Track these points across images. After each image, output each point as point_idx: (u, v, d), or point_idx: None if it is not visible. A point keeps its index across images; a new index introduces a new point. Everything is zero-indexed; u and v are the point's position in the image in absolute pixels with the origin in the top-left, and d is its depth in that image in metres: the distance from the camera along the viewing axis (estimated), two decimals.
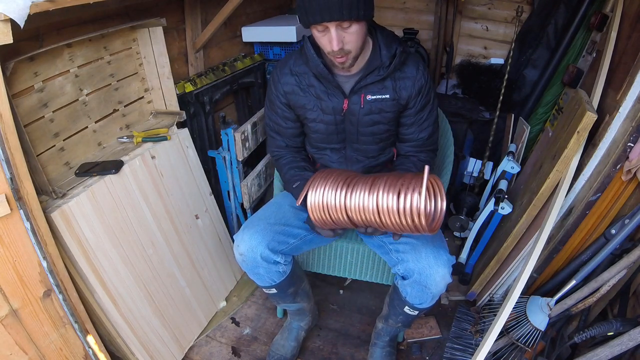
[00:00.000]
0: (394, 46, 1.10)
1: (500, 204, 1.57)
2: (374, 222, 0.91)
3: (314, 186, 0.95)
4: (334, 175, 0.96)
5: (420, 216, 0.83)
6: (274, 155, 1.30)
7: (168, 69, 1.51)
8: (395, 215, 0.86)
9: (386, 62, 1.09)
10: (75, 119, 1.29)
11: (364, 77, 1.11)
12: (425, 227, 0.85)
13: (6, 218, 0.91)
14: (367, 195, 0.89)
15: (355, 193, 0.91)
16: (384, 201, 0.87)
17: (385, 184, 0.88)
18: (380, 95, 1.13)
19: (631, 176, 1.17)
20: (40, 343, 1.04)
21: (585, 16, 1.83)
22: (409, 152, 1.24)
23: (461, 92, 2.31)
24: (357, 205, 0.90)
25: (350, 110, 1.15)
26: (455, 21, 2.33)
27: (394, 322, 1.32)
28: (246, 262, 1.16)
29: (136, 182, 1.33)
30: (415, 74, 1.13)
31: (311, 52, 1.10)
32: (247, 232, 1.15)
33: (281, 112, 1.22)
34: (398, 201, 0.85)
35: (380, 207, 0.88)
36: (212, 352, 1.52)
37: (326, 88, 1.14)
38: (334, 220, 0.95)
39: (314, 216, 0.96)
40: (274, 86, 1.20)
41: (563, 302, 1.26)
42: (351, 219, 0.94)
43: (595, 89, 1.36)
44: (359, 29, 0.99)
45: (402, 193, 0.85)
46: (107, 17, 1.34)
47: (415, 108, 1.17)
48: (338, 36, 0.98)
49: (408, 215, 0.85)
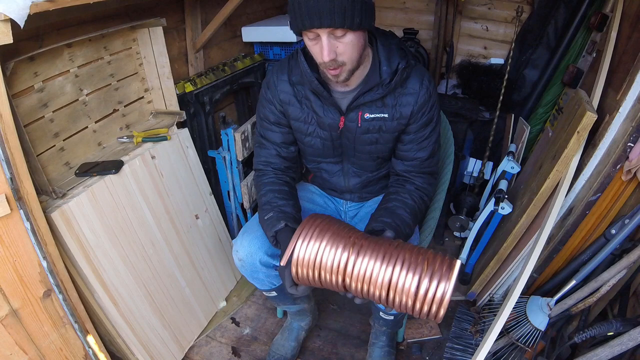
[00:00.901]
0: (396, 61, 0.99)
1: (500, 204, 1.57)
2: (376, 296, 0.78)
3: (305, 236, 0.81)
4: (331, 230, 0.82)
5: (440, 308, 0.74)
6: (258, 170, 1.16)
7: (168, 69, 1.51)
8: (410, 298, 0.75)
9: (386, 80, 0.98)
10: (75, 119, 1.29)
11: (362, 94, 1.00)
12: (439, 318, 0.76)
13: (6, 218, 0.91)
14: (380, 266, 0.76)
15: (363, 259, 0.78)
16: (401, 280, 0.75)
17: (405, 261, 0.76)
18: (380, 114, 1.03)
19: (631, 176, 1.17)
20: (40, 343, 1.04)
21: (585, 16, 1.83)
22: (404, 173, 1.12)
23: (461, 92, 2.31)
24: (363, 275, 0.77)
25: (347, 127, 1.06)
26: (455, 21, 2.33)
27: (379, 325, 1.34)
28: (245, 267, 1.14)
29: (136, 182, 1.33)
30: (418, 90, 1.02)
31: (304, 66, 0.99)
32: (246, 237, 1.13)
33: (275, 118, 1.11)
34: (418, 285, 0.74)
35: (392, 284, 0.76)
36: (212, 352, 1.52)
37: (322, 103, 1.05)
38: (321, 282, 0.82)
39: (297, 271, 0.82)
40: (270, 91, 1.09)
41: (563, 302, 1.26)
42: (346, 286, 0.81)
43: (595, 89, 1.36)
44: (354, 39, 0.88)
45: (425, 277, 0.74)
46: (107, 17, 1.34)
47: (416, 124, 1.05)
48: (330, 45, 0.87)
49: (427, 303, 0.74)
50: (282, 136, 1.14)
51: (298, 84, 1.06)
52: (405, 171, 1.12)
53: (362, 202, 1.30)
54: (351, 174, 1.20)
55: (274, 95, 1.09)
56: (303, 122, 1.09)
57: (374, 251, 0.78)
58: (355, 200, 1.30)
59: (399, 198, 1.07)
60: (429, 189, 1.14)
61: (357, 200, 1.29)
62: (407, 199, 1.07)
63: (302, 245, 0.80)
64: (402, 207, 1.05)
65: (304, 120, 1.09)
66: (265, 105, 1.12)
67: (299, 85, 1.06)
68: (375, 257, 0.77)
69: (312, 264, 0.80)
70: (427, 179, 1.13)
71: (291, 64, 1.06)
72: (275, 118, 1.12)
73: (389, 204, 1.07)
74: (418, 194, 1.10)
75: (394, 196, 1.08)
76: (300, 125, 1.10)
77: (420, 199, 1.10)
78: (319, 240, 0.80)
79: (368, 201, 1.30)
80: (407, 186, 1.11)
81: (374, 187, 1.25)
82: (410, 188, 1.10)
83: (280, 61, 1.11)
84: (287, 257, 0.83)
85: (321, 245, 0.80)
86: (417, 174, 1.11)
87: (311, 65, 1.00)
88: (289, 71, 1.06)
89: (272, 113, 1.11)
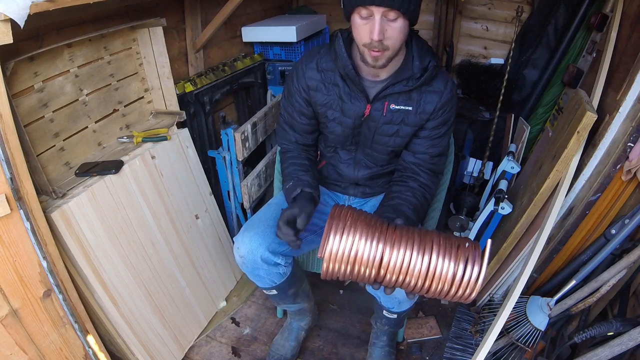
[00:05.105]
0: (428, 59, 1.05)
1: (500, 204, 1.57)
2: (411, 284, 0.77)
3: (337, 230, 0.77)
4: (361, 221, 0.79)
5: (474, 291, 0.75)
6: (282, 148, 1.27)
7: (168, 69, 1.51)
8: (447, 284, 0.75)
9: (417, 74, 1.04)
10: (75, 119, 1.29)
11: (392, 85, 1.05)
12: (470, 300, 0.77)
13: (6, 218, 0.91)
14: (416, 255, 0.76)
15: (399, 251, 0.76)
16: (440, 266, 0.75)
17: (440, 247, 0.76)
18: (405, 106, 1.08)
19: (631, 176, 1.17)
20: (40, 343, 1.04)
21: (585, 16, 1.83)
22: (412, 165, 1.15)
23: (461, 92, 2.31)
24: (399, 265, 0.76)
25: (371, 116, 1.10)
26: (455, 21, 2.33)
27: (380, 324, 1.34)
28: (246, 264, 1.15)
29: (136, 182, 1.33)
30: (442, 89, 1.08)
31: (342, 49, 1.04)
32: (247, 234, 1.14)
33: (299, 106, 1.17)
34: (455, 270, 0.75)
35: (430, 272, 0.75)
36: (212, 352, 1.52)
37: (350, 90, 1.09)
38: (353, 275, 0.79)
39: (329, 266, 0.79)
40: (297, 79, 1.14)
41: (563, 302, 1.26)
42: (379, 277, 0.79)
43: (595, 89, 1.36)
44: (403, 25, 0.93)
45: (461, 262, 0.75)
46: (107, 17, 1.34)
47: (434, 121, 1.11)
48: (381, 26, 0.91)
49: (462, 287, 0.75)
50: (303, 126, 1.21)
51: (327, 70, 1.10)
52: (414, 164, 1.15)
53: (365, 198, 1.32)
54: (362, 165, 1.23)
55: (300, 83, 1.14)
56: (328, 108, 1.14)
57: (407, 241, 0.77)
58: (359, 196, 1.32)
59: (402, 196, 1.10)
60: (432, 188, 1.16)
61: (361, 195, 1.31)
62: (410, 197, 1.10)
63: (334, 239, 0.76)
64: (405, 204, 1.08)
65: (328, 105, 1.13)
66: (290, 95, 1.18)
67: (329, 72, 1.10)
68: (411, 248, 0.76)
69: (346, 258, 0.77)
70: (432, 177, 1.16)
71: (322, 52, 1.12)
72: (300, 107, 1.18)
73: (393, 201, 1.09)
74: (420, 192, 1.12)
75: (397, 194, 1.11)
76: (325, 111, 1.15)
77: (423, 197, 1.12)
78: (352, 234, 0.77)
79: (371, 199, 1.32)
80: (411, 183, 1.13)
81: (379, 181, 1.27)
82: (413, 185, 1.13)
83: (309, 51, 1.17)
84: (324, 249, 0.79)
85: (354, 238, 0.76)
86: (425, 169, 1.15)
87: (347, 51, 1.05)
88: (317, 59, 1.11)
89: (297, 102, 1.17)
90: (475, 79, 2.18)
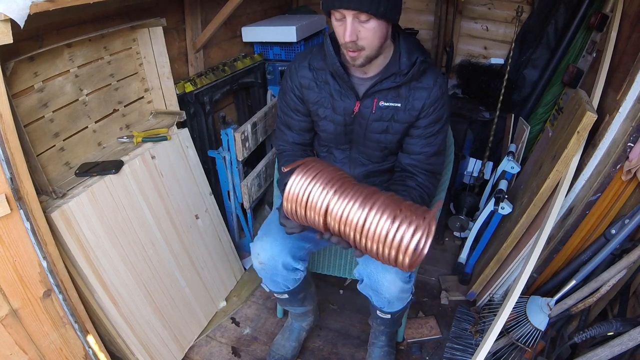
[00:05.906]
0: (415, 55, 1.06)
1: (500, 204, 1.57)
2: (351, 238, 0.79)
3: (300, 172, 0.82)
4: (327, 171, 0.83)
5: (406, 256, 0.73)
6: (279, 149, 1.28)
7: (168, 69, 1.51)
8: (380, 242, 0.75)
9: (404, 70, 1.05)
10: (75, 119, 1.29)
11: (380, 81, 1.07)
12: (406, 267, 0.75)
13: (6, 218, 0.91)
14: (357, 207, 0.77)
15: (344, 200, 0.78)
16: (374, 222, 0.75)
17: (382, 204, 0.76)
18: (393, 103, 1.09)
19: (631, 176, 1.17)
20: (40, 343, 1.04)
21: (585, 16, 1.83)
22: (409, 167, 1.15)
23: (461, 92, 2.31)
24: (341, 214, 0.78)
25: (360, 113, 1.11)
26: (455, 21, 2.33)
27: (376, 324, 1.35)
28: (266, 270, 1.16)
29: (136, 182, 1.33)
30: (432, 85, 1.08)
31: (330, 48, 1.07)
32: (267, 240, 1.15)
33: (293, 104, 1.19)
34: (389, 229, 0.74)
35: (366, 227, 0.76)
36: (212, 352, 1.52)
37: (340, 87, 1.11)
38: (307, 218, 0.83)
39: (287, 205, 0.84)
40: (290, 78, 1.17)
41: (563, 302, 1.26)
42: (327, 225, 0.82)
43: (595, 89, 1.36)
44: (377, 26, 0.95)
45: (397, 221, 0.73)
46: (107, 17, 1.34)
47: (425, 119, 1.10)
48: (353, 28, 0.94)
49: (394, 248, 0.74)
50: (299, 124, 1.22)
51: (319, 69, 1.13)
52: (410, 165, 1.15)
53: None
54: (358, 163, 1.23)
55: (293, 81, 1.17)
56: (319, 106, 1.15)
57: (356, 193, 0.79)
58: None
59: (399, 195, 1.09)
60: (431, 188, 1.16)
61: None
62: (406, 196, 1.09)
63: (294, 181, 0.82)
64: None
65: (320, 103, 1.15)
66: (285, 94, 1.20)
67: (320, 70, 1.13)
68: (354, 198, 0.78)
69: (299, 200, 0.81)
70: (430, 178, 1.15)
71: (314, 51, 1.15)
72: (294, 105, 1.19)
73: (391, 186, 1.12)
74: (418, 192, 1.12)
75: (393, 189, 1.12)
76: (317, 109, 1.16)
77: (420, 197, 1.11)
78: (310, 179, 0.81)
79: None
80: (409, 182, 1.13)
81: (377, 179, 1.27)
82: (411, 184, 1.13)
83: (302, 51, 1.21)
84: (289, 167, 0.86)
85: (311, 184, 0.81)
86: (421, 169, 1.14)
87: (335, 49, 1.07)
88: (309, 58, 1.14)
89: (291, 100, 1.19)
90: (475, 79, 2.18)
